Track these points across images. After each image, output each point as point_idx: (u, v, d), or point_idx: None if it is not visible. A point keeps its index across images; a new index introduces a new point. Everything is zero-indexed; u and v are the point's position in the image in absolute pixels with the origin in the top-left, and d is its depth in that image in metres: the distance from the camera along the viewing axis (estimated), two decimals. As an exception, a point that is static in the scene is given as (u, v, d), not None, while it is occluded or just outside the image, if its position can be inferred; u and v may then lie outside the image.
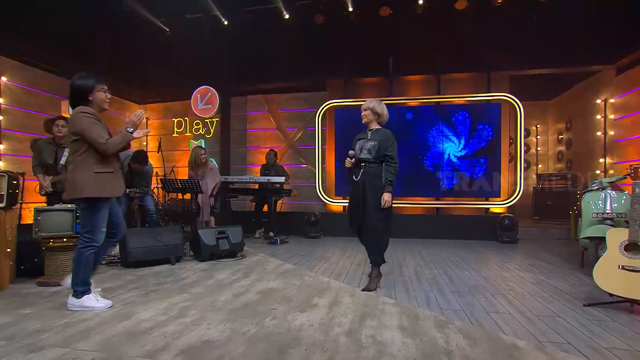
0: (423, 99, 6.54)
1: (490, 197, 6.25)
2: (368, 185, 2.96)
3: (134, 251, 3.63)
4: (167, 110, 8.38)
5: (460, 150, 6.30)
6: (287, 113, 7.46)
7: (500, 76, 6.41)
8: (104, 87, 2.46)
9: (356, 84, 6.97)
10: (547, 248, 5.09)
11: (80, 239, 2.41)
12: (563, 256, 4.45)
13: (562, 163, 7.65)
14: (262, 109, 7.61)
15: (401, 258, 4.40)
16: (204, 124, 7.86)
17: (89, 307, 2.39)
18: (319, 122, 6.69)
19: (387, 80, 6.72)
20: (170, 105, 8.33)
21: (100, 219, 2.40)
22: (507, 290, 2.97)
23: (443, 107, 6.41)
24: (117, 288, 2.96)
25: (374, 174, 2.97)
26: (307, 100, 7.37)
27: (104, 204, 2.41)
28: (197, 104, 7.41)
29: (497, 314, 2.39)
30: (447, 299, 2.74)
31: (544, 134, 8.32)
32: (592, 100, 6.52)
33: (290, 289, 2.97)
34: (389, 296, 2.83)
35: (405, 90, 6.85)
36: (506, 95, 6.15)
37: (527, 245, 5.37)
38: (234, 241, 4.14)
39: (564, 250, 4.87)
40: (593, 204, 3.41)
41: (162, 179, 4.56)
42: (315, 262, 4.11)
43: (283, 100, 7.53)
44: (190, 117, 7.93)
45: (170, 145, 8.01)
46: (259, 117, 7.67)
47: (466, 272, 3.67)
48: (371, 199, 2.93)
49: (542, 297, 2.75)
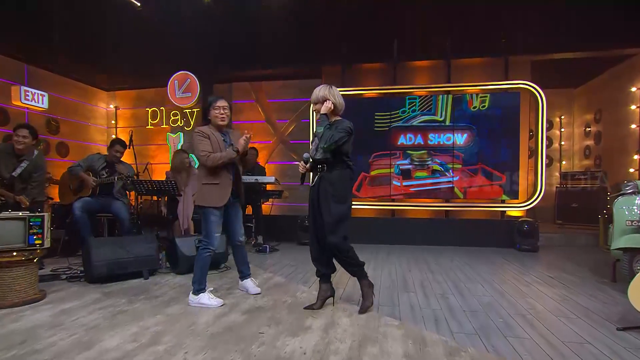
0: (431, 88, 6.50)
1: (507, 199, 6.24)
2: (324, 190, 2.80)
3: (99, 264, 3.57)
4: (140, 98, 8.30)
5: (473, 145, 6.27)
6: (277, 103, 7.40)
7: (520, 61, 6.39)
8: (217, 104, 3.04)
9: (356, 71, 6.92)
10: (572, 258, 5.09)
11: (201, 242, 3.07)
12: (591, 267, 4.45)
13: (589, 160, 7.65)
14: (249, 98, 7.54)
15: (405, 269, 4.38)
16: (183, 115, 7.79)
17: (204, 304, 2.93)
18: (313, 114, 6.61)
19: (390, 66, 6.67)
20: (143, 93, 8.25)
21: (209, 225, 3.00)
22: (526, 309, 2.94)
23: (454, 97, 6.37)
24: (79, 309, 2.89)
25: (328, 177, 2.80)
26: (300, 89, 7.32)
27: (212, 211, 2.99)
28: (174, 92, 7.31)
29: (516, 339, 2.35)
30: (458, 320, 2.71)
31: (568, 127, 8.32)
32: (625, 89, 6.51)
33: (280, 308, 2.93)
34: (392, 315, 2.79)
35: (412, 78, 6.82)
36: (525, 83, 6.13)
37: (548, 254, 5.36)
38: (217, 251, 4.05)
39: (591, 260, 4.87)
40: (627, 209, 3.39)
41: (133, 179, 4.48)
42: (309, 275, 4.07)
43: (273, 88, 7.46)
44: (167, 107, 7.85)
45: (143, 138, 7.93)
46: (246, 107, 7.60)
47: (479, 285, 3.66)
48: (325, 205, 2.79)
49: (567, 318, 2.72)
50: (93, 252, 3.58)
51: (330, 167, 2.80)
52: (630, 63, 6.43)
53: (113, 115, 8.43)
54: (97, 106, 8.26)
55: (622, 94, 6.57)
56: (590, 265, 4.56)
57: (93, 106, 8.15)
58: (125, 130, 8.28)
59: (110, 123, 8.46)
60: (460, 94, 6.37)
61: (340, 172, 2.81)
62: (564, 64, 6.86)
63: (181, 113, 7.77)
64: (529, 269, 4.43)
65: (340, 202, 2.78)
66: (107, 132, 8.44)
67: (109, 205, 4.43)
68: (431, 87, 6.50)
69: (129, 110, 8.39)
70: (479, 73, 6.56)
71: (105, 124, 8.48)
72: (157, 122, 7.98)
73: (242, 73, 7.30)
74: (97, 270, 3.56)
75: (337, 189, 2.78)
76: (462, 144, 6.30)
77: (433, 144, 6.41)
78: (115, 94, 8.46)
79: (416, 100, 6.48)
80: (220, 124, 3.05)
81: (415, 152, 6.44)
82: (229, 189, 3.04)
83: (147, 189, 4.45)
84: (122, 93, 8.42)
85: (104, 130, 8.43)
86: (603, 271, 4.19)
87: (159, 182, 4.42)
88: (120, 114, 8.43)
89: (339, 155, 2.78)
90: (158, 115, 7.98)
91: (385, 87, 6.59)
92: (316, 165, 2.86)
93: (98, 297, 3.19)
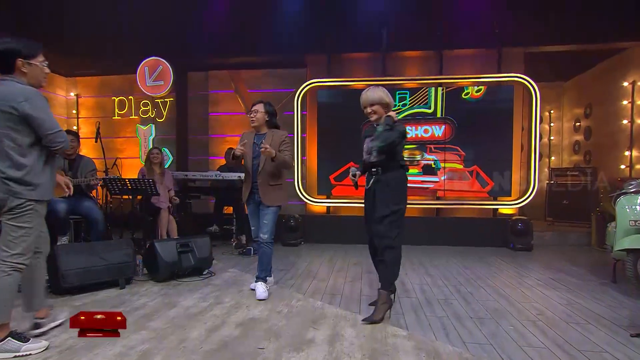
0: (422, 80, 6.50)
1: (499, 196, 6.35)
2: (380, 194, 2.96)
3: (69, 274, 3.34)
4: (105, 86, 7.94)
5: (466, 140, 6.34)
6: (258, 94, 7.20)
7: (514, 53, 6.47)
8: (251, 108, 3.49)
9: (342, 60, 6.84)
10: (568, 257, 5.23)
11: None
12: (588, 268, 4.57)
13: (579, 155, 7.88)
14: (227, 87, 7.36)
15: (402, 272, 4.31)
16: (155, 105, 7.51)
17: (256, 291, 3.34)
18: (298, 106, 6.54)
19: (379, 56, 6.63)
20: (109, 80, 7.90)
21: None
22: (535, 314, 2.98)
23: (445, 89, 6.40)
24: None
25: (384, 180, 2.95)
26: (283, 79, 7.19)
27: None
28: (144, 80, 7.02)
29: (531, 349, 2.36)
30: (468, 328, 2.70)
31: (557, 121, 8.54)
32: (617, 83, 6.68)
33: (276, 319, 2.84)
34: (397, 325, 2.76)
35: (402, 69, 6.80)
36: (519, 76, 6.21)
37: (543, 254, 5.49)
38: (200, 255, 3.95)
39: (587, 260, 5.02)
40: (629, 209, 3.47)
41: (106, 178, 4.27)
42: (302, 280, 4.02)
43: (253, 77, 7.30)
44: (136, 96, 7.55)
45: (110, 130, 7.60)
46: (224, 98, 7.41)
47: (482, 290, 3.69)
48: (383, 199, 2.95)
49: (578, 324, 2.77)
50: (61, 260, 3.35)
51: (385, 169, 2.94)
52: (623, 56, 6.59)
53: (74, 104, 8.03)
54: (54, 94, 7.83)
55: (613, 88, 6.76)
56: (588, 266, 4.69)
57: (50, 94, 7.72)
58: (88, 121, 7.92)
59: (71, 113, 8.06)
60: (452, 86, 6.40)
61: (395, 173, 2.96)
62: (554, 57, 7.02)
63: (152, 103, 7.49)
64: (528, 270, 4.51)
65: (397, 203, 2.93)
66: (68, 122, 8.03)
67: (79, 206, 4.19)
68: (422, 78, 6.50)
69: (93, 98, 8.00)
70: (472, 64, 6.60)
71: (65, 114, 8.07)
72: (125, 112, 7.66)
73: (219, 60, 7.07)
74: (66, 280, 3.34)
75: (394, 190, 2.94)
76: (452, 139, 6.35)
77: (422, 136, 6.42)
78: (76, 80, 8.06)
79: (407, 95, 6.47)
80: (252, 126, 3.50)
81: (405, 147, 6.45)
82: (249, 187, 3.50)
83: (122, 188, 4.24)
84: (85, 79, 8.02)
85: (63, 121, 8.01)
86: (602, 272, 4.31)
87: (135, 181, 4.21)
88: (83, 102, 8.04)
89: (393, 156, 2.93)
90: (126, 105, 7.66)
91: (374, 79, 6.54)
92: (370, 168, 2.99)
93: (69, 312, 2.99)
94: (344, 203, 6.55)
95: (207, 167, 7.09)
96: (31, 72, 2.30)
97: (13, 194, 2.20)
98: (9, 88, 2.20)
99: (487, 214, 6.42)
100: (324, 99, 6.65)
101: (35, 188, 2.26)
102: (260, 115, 3.43)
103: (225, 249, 5.49)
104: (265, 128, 3.48)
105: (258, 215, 3.48)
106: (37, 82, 2.35)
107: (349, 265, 4.75)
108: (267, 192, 3.39)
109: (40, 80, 2.37)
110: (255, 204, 3.49)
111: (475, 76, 6.37)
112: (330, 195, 6.58)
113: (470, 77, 6.37)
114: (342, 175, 6.53)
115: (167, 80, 7.00)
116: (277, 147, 3.36)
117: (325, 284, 3.86)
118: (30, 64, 2.29)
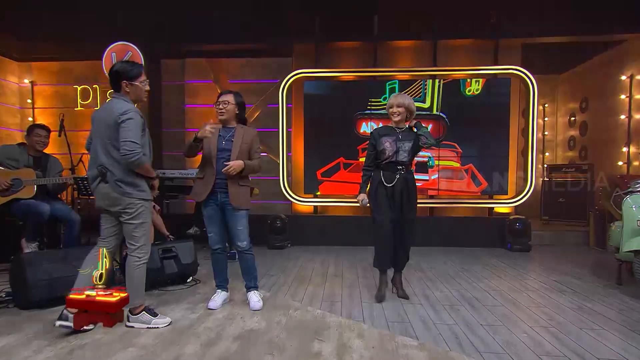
0: (415, 71, 6.57)
1: (495, 195, 6.49)
2: (407, 191, 3.52)
3: (37, 285, 3.18)
4: (65, 72, 7.67)
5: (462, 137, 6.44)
6: (240, 84, 7.15)
7: (511, 44, 6.61)
8: (218, 99, 3.30)
9: (331, 49, 6.85)
10: (567, 258, 5.41)
11: None
12: (590, 269, 4.74)
13: (573, 151, 8.15)
14: (206, 77, 7.25)
15: (401, 276, 4.41)
16: (123, 95, 7.26)
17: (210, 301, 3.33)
18: (283, 98, 6.51)
19: (370, 45, 6.65)
20: (71, 66, 7.62)
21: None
22: (546, 320, 3.06)
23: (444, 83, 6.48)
24: (19, 346, 2.55)
25: (411, 178, 3.56)
26: (268, 69, 7.14)
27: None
28: (111, 67, 6.80)
29: (550, 357, 2.43)
30: (480, 336, 2.75)
31: (552, 115, 8.80)
32: (615, 76, 6.91)
33: (276, 330, 2.82)
34: (405, 333, 2.79)
35: (394, 59, 6.85)
36: (517, 68, 6.35)
37: (542, 254, 5.66)
38: (184, 262, 3.89)
39: (588, 261, 5.20)
40: (636, 208, 3.61)
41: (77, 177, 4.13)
42: (295, 286, 4.02)
43: (235, 67, 7.23)
44: (103, 85, 7.29)
45: (72, 123, 7.31)
46: (202, 88, 7.31)
47: (486, 294, 3.76)
48: (413, 201, 3.57)
49: (592, 330, 2.86)
50: (29, 270, 3.20)
51: (408, 168, 3.55)
52: (621, 49, 6.81)
53: (28, 92, 7.70)
54: (5, 80, 7.50)
55: (610, 82, 6.99)
56: (589, 267, 4.86)
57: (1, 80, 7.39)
58: (46, 111, 7.63)
59: (26, 102, 7.73)
60: (449, 79, 6.48)
61: (412, 173, 3.61)
62: (550, 49, 7.20)
63: (120, 93, 7.25)
64: (529, 272, 4.64)
65: (416, 201, 3.63)
66: (22, 113, 7.71)
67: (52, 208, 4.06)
68: (415, 70, 6.55)
69: (51, 86, 7.69)
70: (468, 55, 6.71)
71: (18, 103, 7.74)
72: (89, 102, 7.40)
73: (197, 47, 6.93)
74: (34, 292, 3.19)
75: (415, 189, 3.60)
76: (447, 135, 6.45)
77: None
78: (31, 66, 7.72)
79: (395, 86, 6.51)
80: (220, 119, 3.29)
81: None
82: (209, 184, 3.22)
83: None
84: (41, 65, 7.69)
85: (15, 111, 7.69)
86: (604, 273, 4.49)
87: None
88: (39, 91, 7.72)
89: (413, 157, 3.58)
90: (91, 95, 7.40)
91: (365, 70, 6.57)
92: (395, 166, 3.49)
93: (42, 328, 2.85)
94: (333, 202, 6.57)
95: (182, 163, 6.95)
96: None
97: (127, 195, 2.77)
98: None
99: (483, 213, 6.56)
100: (311, 91, 6.62)
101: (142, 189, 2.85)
102: (231, 108, 3.24)
103: (206, 253, 5.38)
104: (234, 122, 3.31)
105: (218, 220, 3.29)
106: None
107: (343, 268, 4.77)
108: (237, 193, 3.20)
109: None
110: (216, 206, 3.24)
111: (470, 68, 6.47)
112: (318, 192, 6.58)
113: (466, 69, 6.47)
114: (330, 171, 6.54)
115: (137, 67, 6.79)
116: (248, 149, 3.25)
117: (321, 290, 3.87)
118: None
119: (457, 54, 6.76)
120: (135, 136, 2.70)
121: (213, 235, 3.30)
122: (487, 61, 6.53)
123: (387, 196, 3.48)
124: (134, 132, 2.70)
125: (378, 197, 3.51)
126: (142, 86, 2.93)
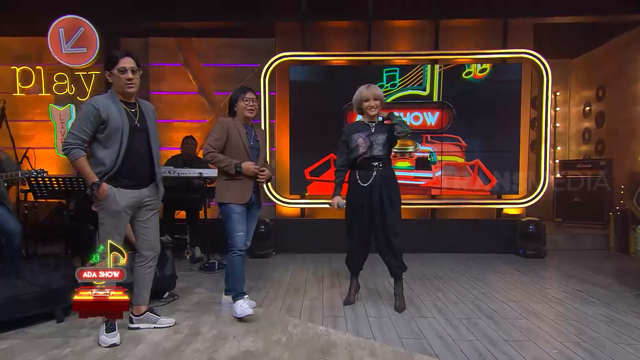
0: (414, 55, 6.66)
1: (504, 194, 6.65)
2: (386, 189, 3.60)
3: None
4: (1, 50, 7.41)
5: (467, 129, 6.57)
6: (215, 69, 7.15)
7: (521, 25, 6.75)
8: (247, 96, 3.58)
9: (319, 30, 6.87)
10: (587, 264, 5.60)
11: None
12: (614, 277, 4.92)
13: (588, 145, 8.39)
14: (174, 60, 7.21)
15: (406, 286, 4.46)
16: (74, 79, 7.13)
17: (235, 309, 3.46)
18: (265, 85, 6.50)
19: (364, 25, 6.71)
20: (6, 43, 7.37)
21: (230, 223, 3.51)
22: (576, 334, 3.17)
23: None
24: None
25: (389, 175, 3.66)
26: (247, 51, 7.15)
27: (232, 208, 3.52)
28: (59, 45, 6.67)
29: (587, 374, 2.53)
30: (506, 352, 2.83)
31: (564, 105, 9.03)
32: (635, 61, 7.09)
33: (277, 351, 2.83)
34: (423, 351, 2.85)
35: (390, 41, 6.91)
36: (529, 52, 6.50)
37: (559, 261, 5.86)
38: (160, 275, 3.84)
39: (611, 268, 5.39)
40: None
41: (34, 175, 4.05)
42: (290, 299, 4.07)
43: (209, 48, 7.22)
44: (48, 67, 7.12)
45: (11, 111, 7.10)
46: (171, 72, 7.27)
47: (504, 305, 3.87)
48: (395, 201, 3.63)
49: (629, 345, 2.97)
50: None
51: (385, 163, 3.63)
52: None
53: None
54: None
55: (631, 68, 7.17)
56: (613, 274, 5.04)
57: None
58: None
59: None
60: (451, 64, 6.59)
61: (391, 168, 3.72)
62: (563, 30, 7.40)
63: (71, 76, 7.10)
64: (548, 280, 4.79)
65: (399, 200, 3.69)
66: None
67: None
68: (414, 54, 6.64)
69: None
70: (474, 37, 6.81)
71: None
72: (30, 87, 7.20)
73: (164, 24, 6.86)
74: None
75: (397, 186, 3.69)
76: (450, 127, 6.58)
77: (412, 124, 6.56)
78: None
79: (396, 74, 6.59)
80: (248, 116, 3.61)
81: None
82: (250, 184, 3.59)
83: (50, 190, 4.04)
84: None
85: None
86: (632, 281, 4.64)
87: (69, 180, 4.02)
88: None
89: (390, 150, 3.68)
90: (33, 78, 7.18)
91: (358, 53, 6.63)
92: (370, 162, 3.58)
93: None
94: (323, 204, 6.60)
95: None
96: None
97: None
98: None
99: (490, 215, 6.71)
100: (297, 77, 6.64)
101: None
102: (257, 106, 3.68)
103: (180, 264, 5.36)
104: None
105: (244, 220, 3.60)
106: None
107: (339, 278, 4.83)
108: (261, 192, 3.82)
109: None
110: (246, 206, 3.60)
111: (476, 51, 6.59)
112: (305, 193, 6.61)
113: (471, 53, 6.59)
114: (319, 170, 6.58)
115: (91, 47, 6.69)
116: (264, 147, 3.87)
117: (319, 303, 3.92)
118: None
119: (462, 36, 6.87)
120: (76, 127, 2.86)
121: (242, 234, 3.54)
122: (496, 45, 6.67)
123: (365, 198, 3.60)
124: (76, 122, 2.89)
125: (353, 199, 3.69)
126: (120, 74, 2.95)
